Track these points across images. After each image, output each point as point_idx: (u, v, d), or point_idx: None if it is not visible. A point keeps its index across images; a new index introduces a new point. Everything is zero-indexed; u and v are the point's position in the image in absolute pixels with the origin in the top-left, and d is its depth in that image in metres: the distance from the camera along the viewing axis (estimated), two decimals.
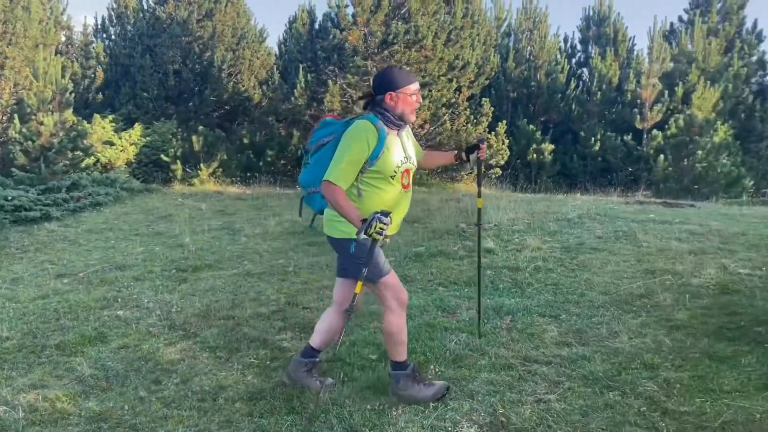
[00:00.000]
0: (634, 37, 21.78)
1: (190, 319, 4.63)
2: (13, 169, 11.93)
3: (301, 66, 15.92)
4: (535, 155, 17.58)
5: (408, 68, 14.52)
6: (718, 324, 3.87)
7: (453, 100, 15.47)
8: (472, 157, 3.40)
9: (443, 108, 15.04)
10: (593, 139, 17.76)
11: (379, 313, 4.49)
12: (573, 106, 19.17)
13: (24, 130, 12.63)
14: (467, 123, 15.55)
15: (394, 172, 3.07)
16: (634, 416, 2.81)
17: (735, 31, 20.86)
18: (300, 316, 4.55)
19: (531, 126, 18.26)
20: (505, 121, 16.84)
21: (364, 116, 3.11)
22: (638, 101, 17.66)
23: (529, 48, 20.69)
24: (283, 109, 16.53)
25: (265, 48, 22.48)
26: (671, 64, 18.52)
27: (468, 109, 15.91)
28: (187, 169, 15.26)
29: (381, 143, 3.01)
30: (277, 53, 23.17)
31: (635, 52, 20.85)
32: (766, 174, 19.55)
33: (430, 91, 14.81)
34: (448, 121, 15.08)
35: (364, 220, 2.86)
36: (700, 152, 15.16)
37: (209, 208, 10.30)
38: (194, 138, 15.86)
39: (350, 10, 14.90)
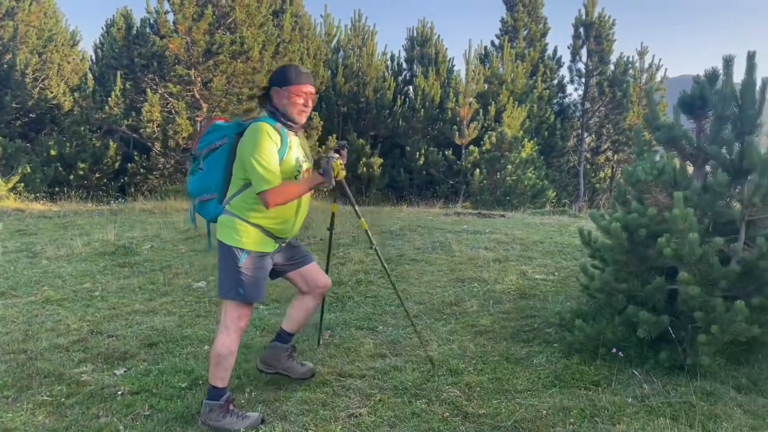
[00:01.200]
0: (453, 58, 23.35)
1: None
2: None
3: (117, 73, 14.89)
4: (365, 169, 18.07)
5: (235, 77, 14.25)
6: (516, 327, 4.22)
7: None
8: (323, 163, 3.17)
9: None
10: (418, 153, 18.68)
11: (202, 338, 4.31)
12: (400, 122, 20.00)
13: None
14: None
15: (297, 171, 3.03)
16: (438, 423, 2.94)
17: (539, 57, 23.25)
18: (104, 346, 4.19)
19: (361, 140, 18.76)
20: (335, 135, 17.11)
21: (259, 118, 3.00)
22: (457, 119, 18.89)
23: (358, 64, 21.26)
24: (96, 118, 15.32)
25: (77, 52, 20.78)
26: (485, 85, 20.11)
27: None
28: None
29: (285, 144, 2.96)
30: (93, 58, 21.48)
31: (455, 73, 22.34)
32: (566, 186, 21.97)
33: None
34: None
35: (322, 174, 2.99)
36: (509, 166, 16.59)
37: (6, 228, 9.18)
38: None
39: (171, 17, 14.24)
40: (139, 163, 15.79)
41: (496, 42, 23.14)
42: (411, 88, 22.43)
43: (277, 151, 2.91)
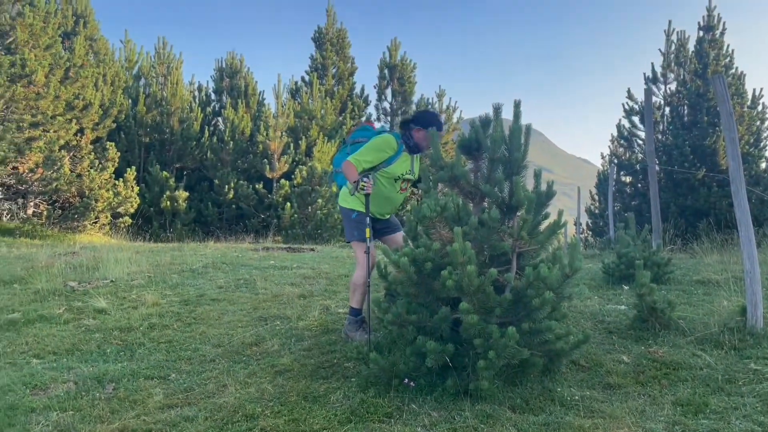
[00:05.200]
0: (264, 91, 23.35)
1: None
2: None
3: None
4: (168, 202, 17.14)
5: (15, 103, 12.74)
6: (317, 364, 4.19)
7: (74, 143, 14.11)
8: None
9: (61, 151, 13.58)
10: (227, 186, 18.21)
11: None
12: (208, 154, 19.39)
13: None
14: (91, 168, 14.33)
15: (398, 177, 4.50)
16: None
17: (347, 94, 24.14)
18: None
19: (165, 172, 17.82)
20: (135, 167, 16.06)
21: (393, 132, 4.59)
22: (268, 152, 18.82)
23: (161, 93, 20.29)
24: None
25: None
26: (296, 120, 20.34)
27: (92, 153, 14.71)
28: None
29: (396, 155, 4.45)
30: None
31: (265, 106, 22.30)
32: None
33: (44, 131, 13.23)
34: (67, 165, 13.65)
35: (356, 182, 4.18)
36: (320, 200, 16.84)
37: None
38: None
39: None
40: None
41: (306, 78, 23.62)
42: (220, 119, 21.94)
43: (388, 157, 4.42)
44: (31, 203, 14.08)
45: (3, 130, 12.14)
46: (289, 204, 16.83)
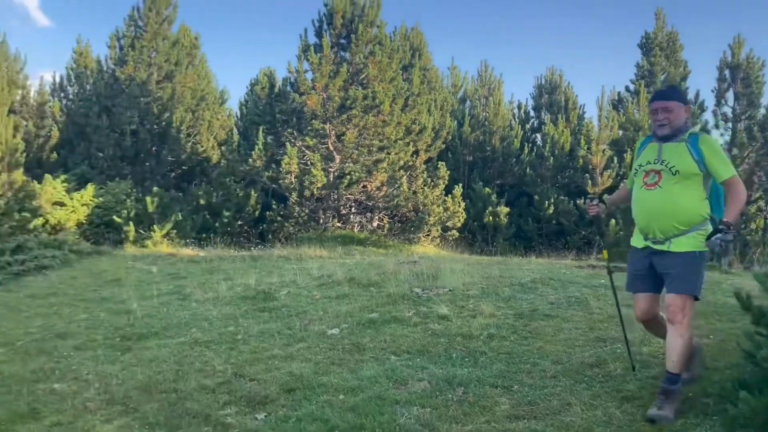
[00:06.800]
0: (584, 105, 22.78)
1: (131, 393, 4.41)
2: None
3: (260, 128, 16.04)
4: (491, 218, 17.87)
5: (367, 130, 14.80)
6: None
7: (410, 163, 15.74)
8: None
9: (401, 171, 15.27)
10: (547, 202, 18.19)
11: (337, 386, 4.37)
12: (527, 170, 19.70)
13: None
14: (424, 185, 15.79)
15: (635, 170, 3.67)
16: None
17: None
18: (246, 389, 4.38)
19: (487, 189, 18.65)
20: (461, 184, 17.17)
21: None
22: (589, 166, 18.26)
23: (484, 114, 21.35)
24: (241, 170, 16.51)
25: (225, 109, 22.65)
26: (620, 132, 19.34)
27: (425, 172, 16.19)
28: (141, 231, 14.93)
29: (637, 153, 3.74)
30: (238, 114, 23.34)
31: (585, 120, 21.74)
32: None
33: (388, 154, 15.06)
34: (405, 184, 15.27)
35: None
36: None
37: (160, 271, 10.03)
38: (148, 199, 15.62)
39: (309, 75, 15.20)
40: (277, 211, 16.72)
41: (631, 87, 22.30)
42: (539, 135, 22.12)
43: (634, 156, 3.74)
44: (376, 217, 16.17)
45: (358, 154, 14.23)
46: (613, 220, 16.04)
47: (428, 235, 15.81)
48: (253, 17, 68.81)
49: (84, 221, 15.00)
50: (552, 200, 18.24)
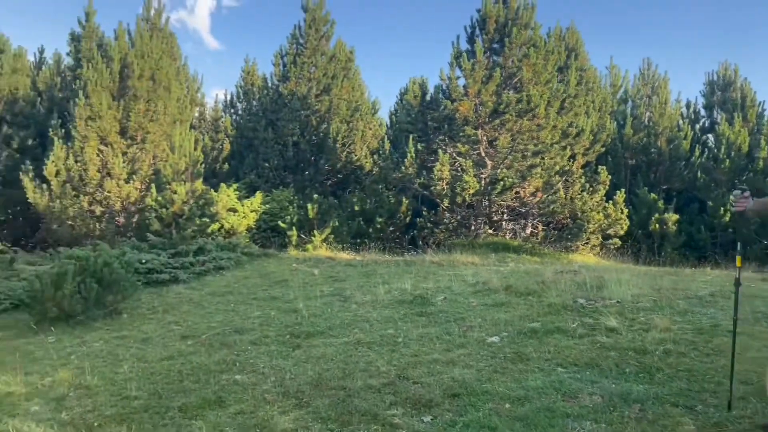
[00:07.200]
0: (763, 102, 20.45)
1: (303, 387, 4.65)
2: (148, 234, 12.94)
3: (410, 136, 16.32)
4: (657, 225, 16.62)
5: (521, 135, 14.49)
6: None
7: (567, 168, 15.14)
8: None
9: (557, 176, 14.74)
10: (722, 209, 16.56)
11: (502, 395, 4.29)
12: (698, 174, 18.12)
13: (159, 198, 13.76)
14: (582, 191, 15.10)
15: None
16: None
17: None
18: (411, 392, 4.43)
19: (652, 194, 17.39)
20: (623, 190, 16.19)
21: None
22: None
23: (647, 114, 20.00)
24: (392, 178, 16.90)
25: (377, 119, 23.35)
26: None
27: (583, 177, 15.49)
28: (302, 235, 15.84)
29: None
30: (388, 123, 23.97)
31: (766, 118, 19.55)
32: None
33: (542, 159, 14.62)
34: (561, 189, 14.72)
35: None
36: None
37: (321, 274, 10.54)
38: (309, 206, 16.52)
39: (461, 82, 15.20)
40: (427, 217, 16.88)
41: None
42: (711, 136, 20.28)
43: None
44: (530, 224, 15.73)
45: (512, 160, 13.95)
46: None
47: (587, 243, 15.06)
48: (401, 29, 70.55)
49: (253, 226, 16.22)
50: (728, 206, 16.56)
